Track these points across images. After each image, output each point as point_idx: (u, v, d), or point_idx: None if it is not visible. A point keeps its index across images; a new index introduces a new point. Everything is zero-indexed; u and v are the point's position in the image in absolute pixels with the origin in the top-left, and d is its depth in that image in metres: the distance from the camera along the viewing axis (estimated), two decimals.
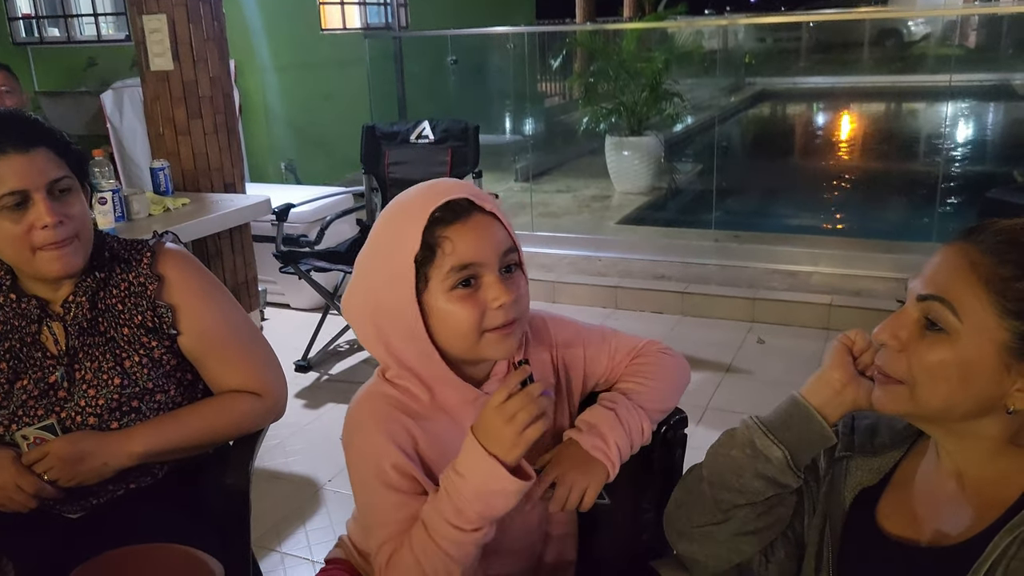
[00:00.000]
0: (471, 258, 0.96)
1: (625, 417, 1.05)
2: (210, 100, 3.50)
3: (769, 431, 0.94)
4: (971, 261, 0.82)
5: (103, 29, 7.20)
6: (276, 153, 6.62)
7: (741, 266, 4.18)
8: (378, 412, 1.03)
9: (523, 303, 1.01)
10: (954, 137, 8.72)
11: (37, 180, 1.25)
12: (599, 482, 1.02)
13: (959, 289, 0.81)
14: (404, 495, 0.99)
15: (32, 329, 1.33)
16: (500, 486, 0.91)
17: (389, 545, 0.99)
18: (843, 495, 0.97)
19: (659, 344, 1.17)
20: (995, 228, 0.83)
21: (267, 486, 2.56)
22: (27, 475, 1.25)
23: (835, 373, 0.92)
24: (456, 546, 0.94)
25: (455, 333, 0.98)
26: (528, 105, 6.78)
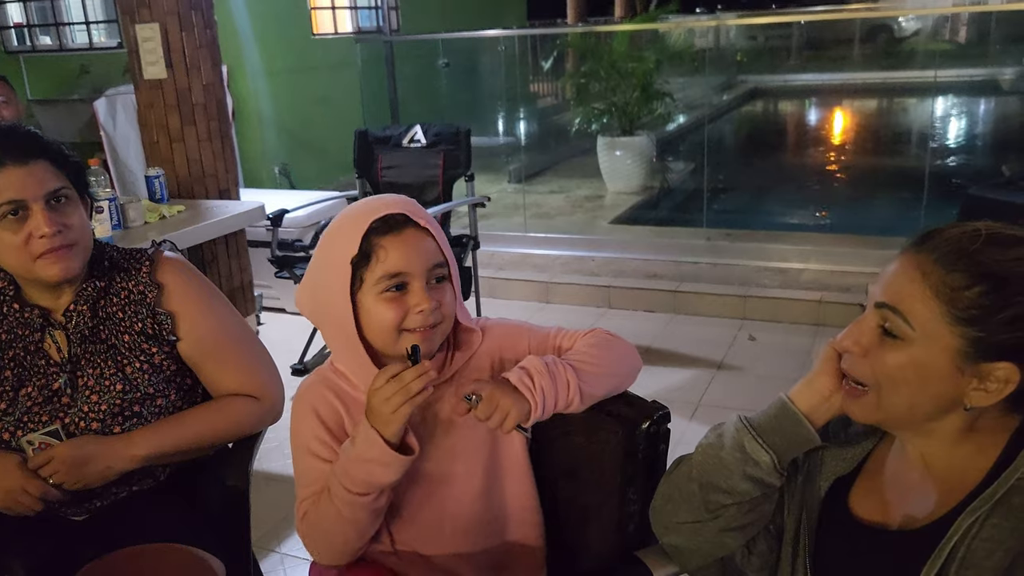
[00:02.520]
0: (400, 268, 1.09)
1: (552, 367, 1.12)
2: (203, 107, 3.53)
3: (759, 435, 0.97)
4: (922, 271, 0.85)
5: (95, 37, 7.22)
6: (270, 158, 6.64)
7: (732, 264, 4.22)
8: (314, 392, 1.19)
9: (445, 311, 1.13)
10: (943, 132, 8.79)
11: (35, 191, 1.29)
12: (521, 410, 1.08)
13: (911, 298, 0.85)
14: (325, 463, 1.14)
15: (35, 338, 1.37)
16: (376, 454, 1.05)
17: (305, 504, 1.16)
18: (819, 485, 1.01)
19: (606, 330, 1.24)
20: (944, 237, 0.86)
21: (266, 488, 2.59)
22: (33, 479, 1.29)
23: (823, 379, 0.95)
24: (348, 507, 1.09)
25: (379, 329, 1.11)
26: (520, 107, 6.82)
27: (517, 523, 1.24)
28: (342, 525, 1.11)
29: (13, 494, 1.28)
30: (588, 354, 1.17)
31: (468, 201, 3.53)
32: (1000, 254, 0.83)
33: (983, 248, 0.84)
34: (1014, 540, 0.80)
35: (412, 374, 1.03)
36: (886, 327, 0.87)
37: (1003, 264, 0.83)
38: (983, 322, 0.82)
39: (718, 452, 1.00)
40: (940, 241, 0.86)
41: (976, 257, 0.83)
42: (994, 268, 0.83)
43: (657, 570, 1.12)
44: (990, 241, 0.84)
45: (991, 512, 0.82)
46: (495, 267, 4.39)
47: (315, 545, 1.17)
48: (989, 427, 0.88)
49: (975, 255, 0.84)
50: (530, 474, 1.25)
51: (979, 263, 0.83)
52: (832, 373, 0.95)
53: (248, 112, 6.46)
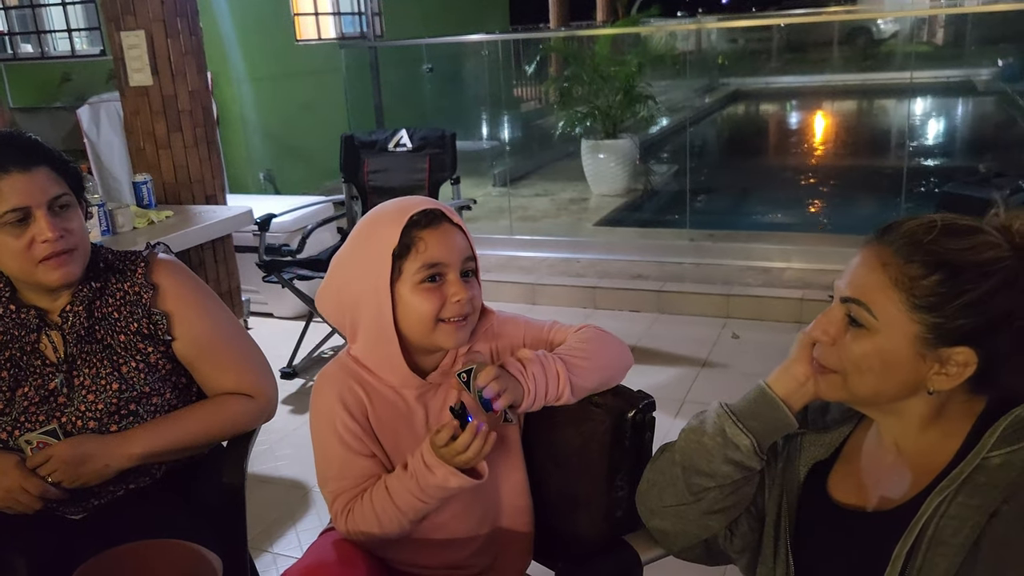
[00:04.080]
0: (440, 258, 1.15)
1: (544, 360, 1.17)
2: (189, 113, 3.55)
3: (738, 420, 1.01)
4: (882, 262, 0.90)
5: (77, 44, 7.20)
6: (255, 164, 6.65)
7: (716, 264, 4.28)
8: (337, 380, 1.22)
9: (476, 303, 1.20)
10: (921, 132, 8.91)
11: (38, 197, 1.32)
12: (515, 391, 1.13)
13: (873, 289, 0.90)
14: (355, 454, 1.19)
15: (31, 338, 1.39)
16: (458, 483, 1.12)
17: (344, 496, 1.20)
18: (798, 469, 1.05)
19: (598, 326, 1.28)
20: (902, 230, 0.91)
21: (257, 490, 2.61)
22: (32, 478, 1.31)
23: (799, 367, 0.99)
24: (414, 511, 1.16)
25: (417, 319, 1.16)
26: (504, 111, 6.86)
27: (509, 510, 1.28)
28: (401, 520, 1.16)
29: (12, 493, 1.30)
30: (579, 349, 1.21)
31: (455, 204, 3.57)
32: (955, 243, 0.87)
33: (938, 238, 0.88)
34: (979, 516, 0.84)
35: (466, 439, 1.09)
36: (852, 316, 0.91)
37: (957, 253, 0.87)
38: (940, 309, 0.87)
39: (700, 437, 1.04)
40: (898, 234, 0.90)
41: (932, 247, 0.88)
42: (949, 257, 0.87)
43: (644, 553, 1.16)
44: (945, 232, 0.88)
45: (958, 491, 0.86)
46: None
47: (364, 532, 1.19)
48: (956, 411, 0.93)
49: (931, 245, 0.88)
50: (522, 463, 1.29)
51: (935, 253, 0.87)
52: (807, 360, 0.99)
53: (232, 118, 6.47)
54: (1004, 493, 0.83)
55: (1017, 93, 9.07)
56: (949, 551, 0.85)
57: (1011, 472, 0.84)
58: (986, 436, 0.88)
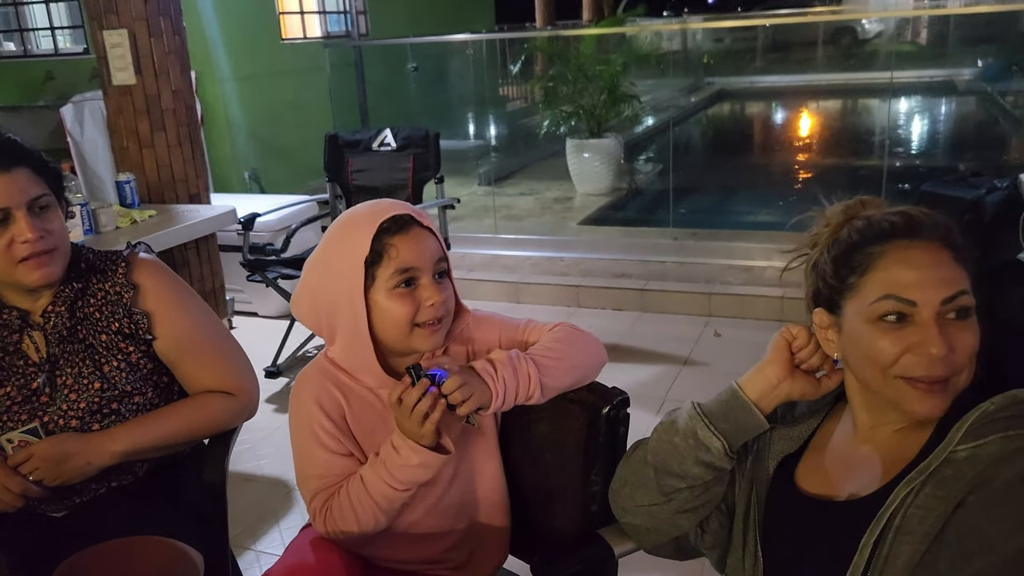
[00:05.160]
0: (412, 263, 1.16)
1: (515, 361, 1.18)
2: (173, 113, 3.55)
3: (710, 422, 1.03)
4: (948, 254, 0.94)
5: (60, 42, 7.16)
6: (239, 163, 6.64)
7: (699, 263, 4.31)
8: (313, 382, 1.25)
9: (450, 304, 1.22)
10: (904, 132, 8.99)
11: (18, 198, 1.33)
12: (481, 395, 1.14)
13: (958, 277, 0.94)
14: (332, 453, 1.22)
15: (14, 339, 1.40)
16: (419, 460, 1.14)
17: (323, 495, 1.22)
18: (767, 464, 1.07)
19: (572, 324, 1.30)
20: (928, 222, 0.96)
21: (240, 489, 2.62)
22: (13, 476, 1.31)
23: (772, 368, 1.01)
24: (387, 500, 1.18)
25: (392, 325, 1.18)
26: (489, 110, 6.88)
27: (486, 505, 1.31)
28: (376, 513, 1.19)
29: None
30: (551, 349, 1.23)
31: (438, 203, 3.59)
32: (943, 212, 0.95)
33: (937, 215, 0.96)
34: (945, 507, 0.87)
35: (414, 396, 1.11)
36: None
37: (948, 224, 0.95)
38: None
39: (672, 437, 1.06)
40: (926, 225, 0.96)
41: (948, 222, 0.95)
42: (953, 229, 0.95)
43: (617, 547, 1.18)
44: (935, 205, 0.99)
45: (925, 483, 0.89)
46: (465, 268, 4.45)
47: (342, 530, 1.21)
48: None
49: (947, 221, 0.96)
50: (499, 459, 1.31)
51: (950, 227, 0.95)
52: (781, 363, 1.01)
53: (217, 117, 6.45)
54: (969, 485, 0.86)
55: (998, 92, 9.18)
56: (914, 540, 0.87)
57: (977, 465, 0.86)
58: (953, 431, 0.90)
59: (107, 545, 1.33)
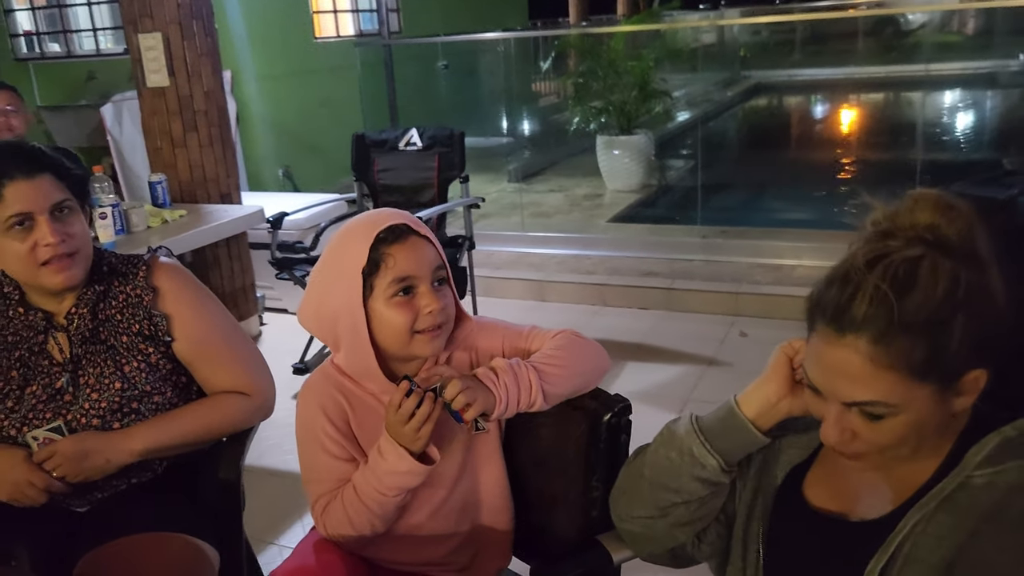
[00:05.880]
0: (409, 272, 1.19)
1: (517, 369, 1.20)
2: (205, 113, 3.63)
3: (706, 440, 1.01)
4: (867, 358, 0.85)
5: (102, 43, 7.32)
6: (273, 161, 6.74)
7: (726, 261, 4.28)
8: (319, 390, 1.29)
9: (449, 311, 1.23)
10: (949, 126, 8.79)
11: (41, 203, 1.38)
12: (485, 401, 1.16)
13: (875, 386, 0.85)
14: (335, 459, 1.26)
15: (39, 339, 1.46)
16: (407, 467, 1.16)
17: (324, 499, 1.26)
18: (775, 473, 1.03)
19: (575, 331, 1.31)
20: (859, 316, 0.85)
21: (265, 483, 2.68)
22: (38, 472, 1.37)
23: (772, 386, 0.98)
24: (378, 505, 1.20)
25: (392, 332, 1.20)
26: (520, 106, 6.88)
27: (489, 509, 1.33)
28: (371, 518, 1.22)
29: (19, 486, 1.37)
30: (553, 356, 1.24)
31: (463, 202, 3.61)
32: (913, 299, 0.84)
33: (898, 307, 0.83)
34: (958, 536, 0.83)
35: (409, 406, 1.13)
36: (867, 412, 0.88)
37: (924, 307, 0.83)
38: (940, 361, 0.84)
39: (669, 452, 1.04)
40: (857, 322, 0.85)
41: (901, 319, 0.83)
42: (921, 316, 0.83)
43: (616, 553, 1.20)
44: (897, 291, 0.84)
45: (938, 509, 0.86)
46: (492, 266, 4.47)
47: (340, 534, 1.25)
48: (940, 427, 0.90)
49: (900, 318, 0.83)
50: (502, 463, 1.33)
51: (907, 323, 0.83)
52: (781, 380, 0.98)
53: (251, 116, 6.55)
54: (985, 514, 0.83)
55: None
56: (924, 569, 0.84)
57: (994, 493, 0.83)
58: (970, 455, 0.87)
59: (127, 540, 1.38)
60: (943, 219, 0.87)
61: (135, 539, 1.38)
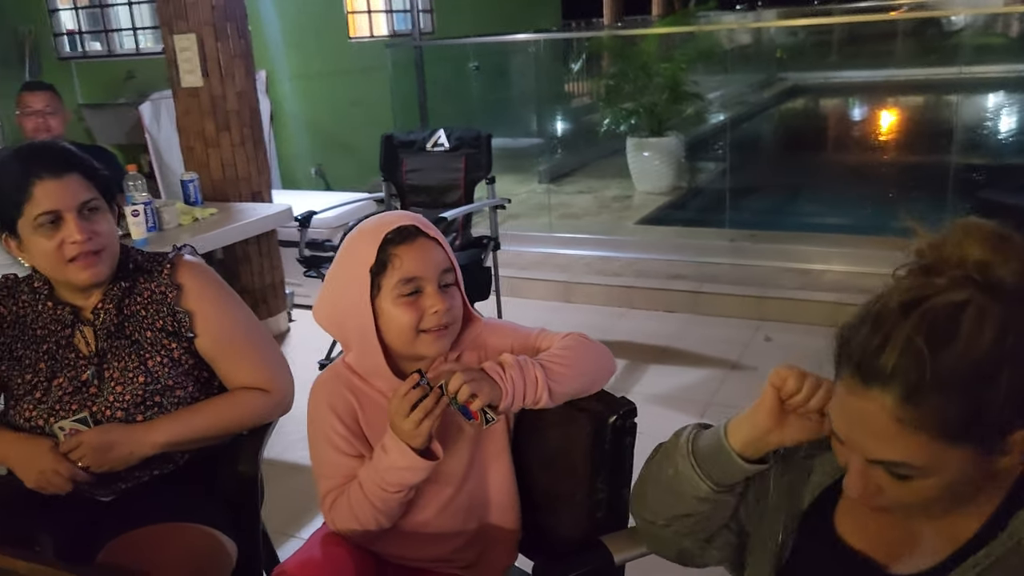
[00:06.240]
0: (415, 273, 1.22)
1: (523, 365, 1.22)
2: (237, 113, 3.70)
3: (697, 464, 0.97)
4: (893, 417, 0.77)
5: (141, 42, 7.47)
6: (307, 159, 6.82)
7: (754, 265, 4.25)
8: (328, 388, 1.32)
9: (455, 313, 1.24)
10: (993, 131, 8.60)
11: (69, 202, 1.43)
12: (491, 392, 1.17)
13: (900, 446, 0.78)
14: (343, 455, 1.29)
15: (66, 333, 1.51)
16: (407, 463, 1.19)
17: (332, 494, 1.30)
18: (802, 494, 0.97)
19: (583, 334, 1.33)
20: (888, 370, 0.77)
21: (287, 477, 2.72)
22: (64, 462, 1.42)
23: (763, 416, 0.92)
24: (382, 501, 1.23)
25: (398, 331, 1.24)
26: (550, 107, 6.88)
27: (496, 507, 1.35)
28: (375, 513, 1.25)
29: (46, 475, 1.42)
30: (560, 356, 1.26)
31: (488, 203, 3.64)
32: (952, 352, 0.75)
33: (934, 362, 0.75)
34: None
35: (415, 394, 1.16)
36: (892, 472, 0.80)
37: (962, 361, 0.75)
38: (980, 422, 0.76)
39: (667, 469, 1.01)
40: (886, 377, 0.77)
41: (935, 378, 0.75)
42: (959, 374, 0.75)
43: (618, 554, 1.21)
44: (933, 347, 0.75)
45: (987, 571, 0.80)
46: (518, 267, 4.48)
47: (347, 528, 1.28)
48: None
49: (933, 377, 0.75)
50: (510, 463, 1.35)
51: (941, 381, 0.75)
52: (766, 413, 0.92)
53: (286, 115, 6.64)
54: None
55: None
56: None
57: None
58: (1020, 520, 0.81)
59: (148, 530, 1.42)
60: (996, 256, 0.78)
61: (156, 528, 1.42)
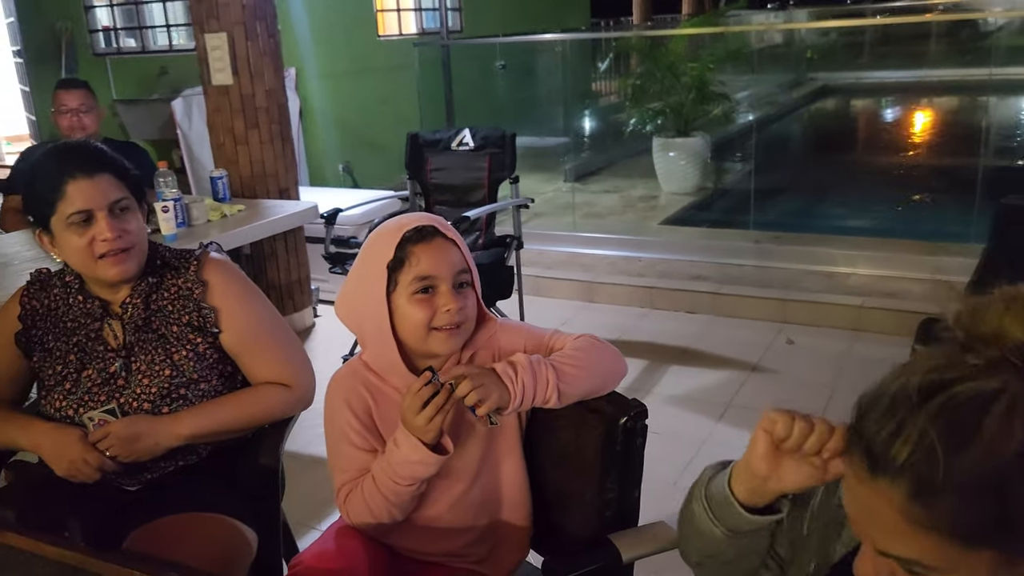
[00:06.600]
0: (431, 271, 1.25)
1: (536, 365, 1.24)
2: (266, 111, 3.76)
3: (711, 509, 0.93)
4: (904, 515, 0.68)
5: (174, 39, 7.59)
6: (335, 156, 6.89)
7: (778, 267, 4.24)
8: (344, 384, 1.35)
9: (468, 312, 1.27)
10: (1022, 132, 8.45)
11: (100, 201, 1.48)
12: (500, 396, 1.20)
13: (914, 545, 0.69)
14: (358, 449, 1.32)
15: (95, 326, 1.56)
16: (419, 457, 1.22)
17: (346, 487, 1.33)
18: (834, 548, 0.89)
19: (595, 336, 1.35)
20: (898, 462, 0.68)
21: (309, 470, 2.77)
22: (92, 451, 1.47)
23: (755, 463, 0.87)
24: (394, 494, 1.26)
25: (411, 327, 1.27)
26: (577, 106, 6.89)
27: (508, 504, 1.38)
28: (388, 506, 1.28)
29: (75, 463, 1.47)
30: (573, 356, 1.29)
31: (512, 203, 3.66)
32: (972, 456, 0.65)
33: (947, 461, 0.65)
34: None
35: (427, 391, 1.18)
36: (905, 567, 0.72)
37: (983, 466, 0.65)
38: (1002, 530, 0.66)
39: (691, 509, 0.97)
40: (893, 466, 0.68)
41: (950, 477, 0.66)
42: (975, 478, 0.65)
43: (626, 552, 1.23)
44: (949, 443, 0.66)
45: None
46: (542, 266, 4.51)
47: (361, 521, 1.32)
48: None
49: (949, 475, 0.66)
50: (522, 461, 1.38)
51: (958, 485, 0.66)
52: (766, 456, 0.85)
53: (314, 112, 6.71)
54: None
55: None
56: None
57: None
58: None
59: (172, 519, 1.47)
60: None
61: (179, 518, 1.47)
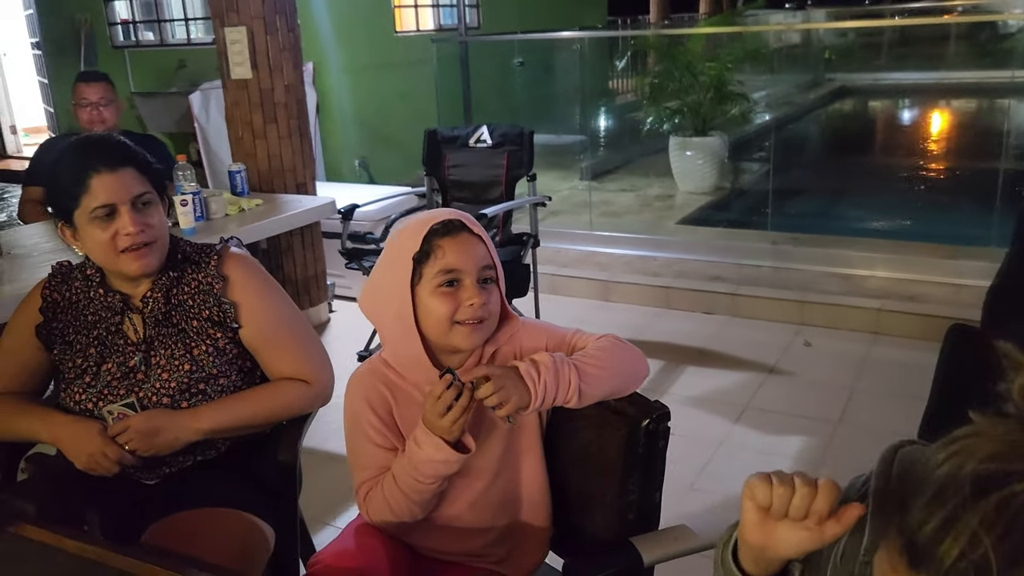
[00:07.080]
0: (456, 265, 1.25)
1: (559, 365, 1.23)
2: (284, 106, 3.76)
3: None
4: None
5: (192, 32, 7.61)
6: (351, 151, 6.90)
7: (795, 268, 4.21)
8: (364, 382, 1.35)
9: (491, 308, 1.28)
10: None
11: (123, 195, 1.48)
12: (520, 398, 1.19)
13: None
14: (378, 447, 1.32)
15: (116, 320, 1.56)
16: (442, 456, 1.22)
17: (367, 485, 1.34)
18: None
19: (617, 337, 1.33)
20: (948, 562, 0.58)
21: (326, 466, 2.77)
22: (112, 445, 1.47)
23: (747, 534, 0.84)
24: (416, 492, 1.26)
25: (434, 321, 1.26)
26: (594, 105, 6.87)
27: (528, 504, 1.37)
28: (410, 504, 1.28)
29: (95, 457, 1.47)
30: (595, 357, 1.27)
31: (529, 200, 3.65)
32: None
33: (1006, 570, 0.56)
34: None
35: (448, 396, 1.18)
36: None
37: None
38: None
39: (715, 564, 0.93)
40: (943, 568, 0.59)
41: None
42: None
43: (647, 555, 1.22)
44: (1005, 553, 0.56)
45: None
46: (558, 264, 4.50)
47: (382, 519, 1.32)
48: None
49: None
50: (543, 460, 1.37)
51: None
52: (755, 525, 0.82)
53: (332, 107, 6.72)
54: None
55: None
56: None
57: None
58: None
59: (189, 513, 1.47)
60: None
61: (197, 513, 1.47)
